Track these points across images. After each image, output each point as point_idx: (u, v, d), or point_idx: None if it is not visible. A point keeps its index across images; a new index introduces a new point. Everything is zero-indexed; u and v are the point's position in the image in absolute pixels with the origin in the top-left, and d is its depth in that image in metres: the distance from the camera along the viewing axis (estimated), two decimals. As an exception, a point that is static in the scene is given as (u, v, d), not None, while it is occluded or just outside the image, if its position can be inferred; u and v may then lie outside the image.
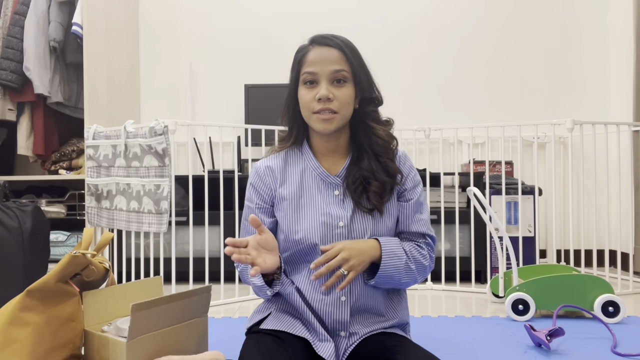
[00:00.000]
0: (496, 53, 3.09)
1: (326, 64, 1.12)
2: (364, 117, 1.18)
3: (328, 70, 1.12)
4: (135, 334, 1.15)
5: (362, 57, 1.17)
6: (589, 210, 2.89)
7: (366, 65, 1.18)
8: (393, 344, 1.10)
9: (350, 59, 1.14)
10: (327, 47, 1.14)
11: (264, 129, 2.35)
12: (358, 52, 1.17)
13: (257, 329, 1.17)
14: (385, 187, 1.15)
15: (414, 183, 1.21)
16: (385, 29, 3.11)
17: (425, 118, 3.01)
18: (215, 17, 3.14)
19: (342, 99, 1.12)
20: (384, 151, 1.17)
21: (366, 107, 1.18)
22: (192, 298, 1.29)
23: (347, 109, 1.14)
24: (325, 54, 1.13)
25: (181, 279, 2.25)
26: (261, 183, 1.21)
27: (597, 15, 3.07)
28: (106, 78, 2.69)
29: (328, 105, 1.11)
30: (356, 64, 1.14)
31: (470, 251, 2.50)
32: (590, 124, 2.30)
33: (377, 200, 1.14)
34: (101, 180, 2.28)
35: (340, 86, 1.13)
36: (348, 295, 1.14)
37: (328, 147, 1.20)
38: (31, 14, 2.60)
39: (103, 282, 1.33)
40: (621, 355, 1.47)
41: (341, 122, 1.14)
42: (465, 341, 1.64)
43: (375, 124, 1.18)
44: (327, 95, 1.11)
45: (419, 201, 1.21)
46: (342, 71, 1.12)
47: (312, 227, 1.14)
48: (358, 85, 1.15)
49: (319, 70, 1.12)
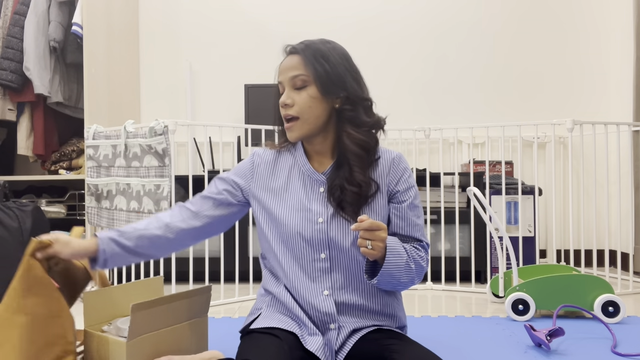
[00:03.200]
0: (496, 53, 3.09)
1: (287, 71, 1.16)
2: (341, 119, 1.16)
3: (288, 77, 1.15)
4: (135, 334, 1.15)
5: (334, 55, 1.15)
6: (589, 210, 2.89)
7: (341, 63, 1.15)
8: (392, 343, 1.10)
9: (311, 62, 1.13)
10: (291, 56, 1.17)
11: (264, 129, 2.35)
12: (326, 52, 1.14)
13: (250, 329, 1.18)
14: (360, 197, 1.14)
15: (407, 185, 1.20)
16: (385, 30, 3.11)
17: (425, 118, 3.01)
18: (215, 17, 3.14)
19: (301, 103, 1.13)
20: (358, 160, 1.14)
21: (343, 106, 1.15)
22: (192, 298, 1.29)
23: (310, 112, 1.13)
24: (287, 62, 1.17)
25: (181, 279, 2.25)
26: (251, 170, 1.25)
27: (597, 16, 3.07)
28: (106, 78, 2.69)
29: (287, 111, 1.15)
30: (319, 65, 1.13)
31: (470, 251, 2.50)
32: (590, 124, 2.30)
33: (351, 209, 1.13)
34: (101, 180, 2.28)
35: (300, 91, 1.14)
36: (330, 289, 1.16)
37: (314, 149, 1.21)
38: (31, 14, 2.60)
39: (87, 281, 1.32)
40: (621, 355, 1.47)
41: (305, 127, 1.15)
42: (465, 341, 1.64)
43: (352, 127, 1.15)
44: (284, 101, 1.15)
45: (412, 204, 1.20)
46: (300, 76, 1.14)
47: (293, 220, 1.17)
48: (323, 86, 1.13)
49: (283, 79, 1.17)
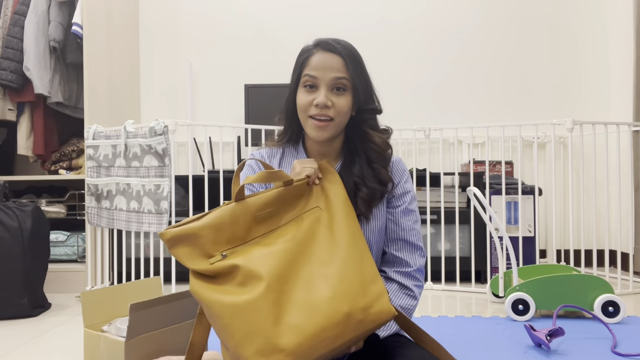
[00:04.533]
0: (496, 53, 3.09)
1: (328, 71, 1.12)
2: (360, 124, 1.17)
3: (329, 77, 1.12)
4: (133, 334, 1.15)
5: (363, 64, 1.17)
6: (589, 210, 2.89)
7: (367, 73, 1.17)
8: (393, 345, 1.10)
9: (352, 68, 1.13)
10: (331, 54, 1.13)
11: (264, 129, 2.35)
12: (360, 60, 1.16)
13: None
14: (375, 194, 1.14)
15: (402, 190, 1.21)
16: (385, 30, 3.11)
17: (425, 118, 3.01)
18: (215, 17, 3.14)
19: (340, 108, 1.12)
20: (379, 158, 1.16)
21: (364, 115, 1.17)
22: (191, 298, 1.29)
23: (344, 117, 1.14)
24: (329, 60, 1.13)
25: (181, 279, 2.25)
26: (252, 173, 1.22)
27: (597, 16, 3.07)
28: (106, 78, 2.69)
29: (326, 112, 1.12)
30: (357, 73, 1.14)
31: (470, 251, 2.50)
32: (590, 124, 2.29)
33: (365, 206, 1.13)
34: (101, 180, 2.28)
35: (340, 94, 1.13)
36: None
37: (320, 151, 1.20)
38: (31, 14, 2.60)
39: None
40: (621, 355, 1.47)
41: (336, 129, 1.15)
42: (465, 341, 1.63)
43: (372, 130, 1.18)
44: (324, 102, 1.11)
45: (407, 209, 1.20)
46: (342, 79, 1.12)
47: None
48: (356, 94, 1.14)
49: (320, 76, 1.12)
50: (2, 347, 1.67)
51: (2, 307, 2.01)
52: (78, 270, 2.47)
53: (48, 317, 2.04)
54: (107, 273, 2.42)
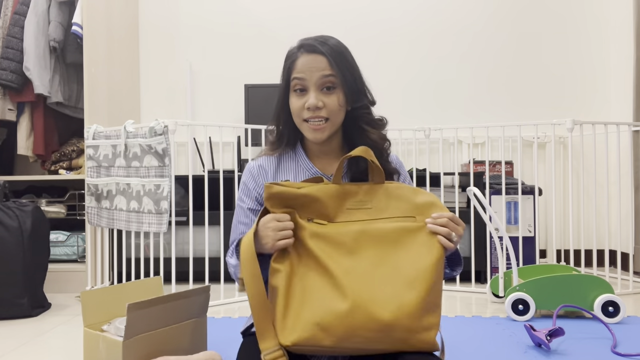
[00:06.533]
0: (496, 53, 3.09)
1: (314, 71, 1.13)
2: (356, 120, 1.18)
3: (316, 77, 1.12)
4: (131, 334, 1.15)
5: (351, 58, 1.16)
6: (589, 211, 2.89)
7: (356, 66, 1.17)
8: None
9: (339, 65, 1.13)
10: (314, 55, 1.14)
11: (264, 129, 2.34)
12: (346, 55, 1.16)
13: (252, 331, 1.17)
14: None
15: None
16: (385, 30, 3.11)
17: (425, 118, 3.01)
18: (215, 17, 3.14)
19: (332, 106, 1.13)
20: (379, 154, 1.16)
21: (358, 110, 1.17)
22: (190, 298, 1.29)
23: (338, 114, 1.14)
24: (312, 61, 1.13)
25: (181, 279, 2.25)
26: (253, 182, 1.21)
27: (597, 15, 3.07)
28: (106, 78, 2.69)
29: (319, 113, 1.12)
30: (345, 69, 1.13)
31: (470, 251, 2.50)
32: (590, 124, 2.29)
33: None
34: (101, 180, 2.28)
35: (330, 93, 1.13)
36: None
37: (321, 150, 1.20)
38: (31, 14, 2.60)
39: None
40: (621, 355, 1.47)
41: (332, 128, 1.15)
42: (465, 341, 1.63)
43: (368, 126, 1.18)
44: (315, 104, 1.11)
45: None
46: (330, 76, 1.12)
47: None
48: (348, 90, 1.14)
49: (308, 77, 1.13)
50: (2, 347, 1.67)
51: (2, 307, 2.01)
52: (78, 270, 2.47)
53: (48, 317, 2.05)
54: (107, 273, 2.42)
